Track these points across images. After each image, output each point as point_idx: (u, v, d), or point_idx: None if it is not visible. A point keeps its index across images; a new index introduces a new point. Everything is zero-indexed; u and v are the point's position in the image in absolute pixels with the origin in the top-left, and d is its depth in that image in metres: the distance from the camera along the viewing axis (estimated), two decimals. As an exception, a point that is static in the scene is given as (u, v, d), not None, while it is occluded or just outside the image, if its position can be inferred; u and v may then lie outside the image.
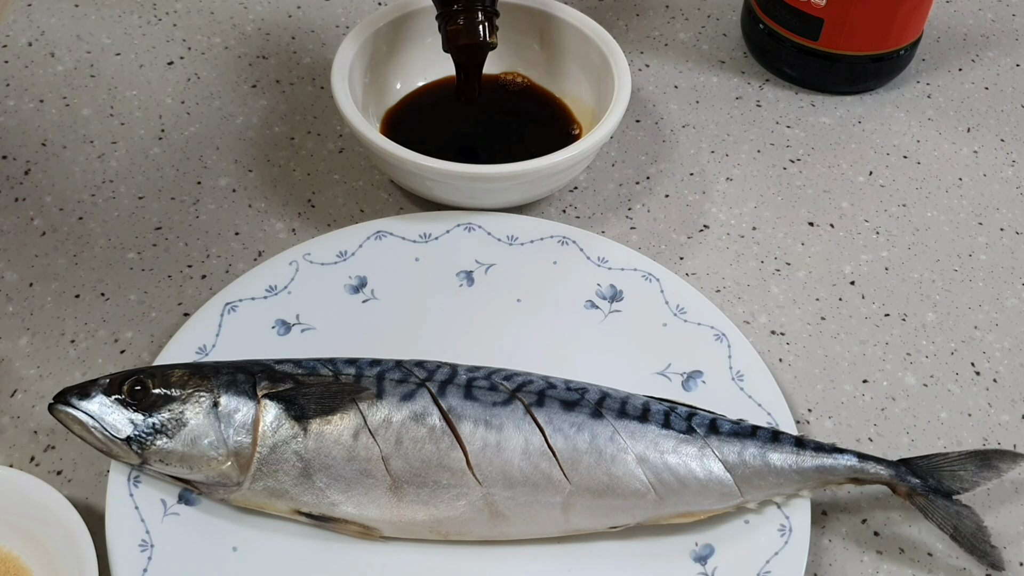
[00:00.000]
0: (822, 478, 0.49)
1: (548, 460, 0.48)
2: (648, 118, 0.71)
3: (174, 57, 0.74)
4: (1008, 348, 0.60)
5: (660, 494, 0.48)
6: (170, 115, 0.70)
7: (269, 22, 0.77)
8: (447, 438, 0.48)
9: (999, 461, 0.50)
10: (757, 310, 0.61)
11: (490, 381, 0.50)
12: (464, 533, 0.49)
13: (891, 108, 0.73)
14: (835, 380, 0.58)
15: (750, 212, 0.66)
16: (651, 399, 0.51)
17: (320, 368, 0.50)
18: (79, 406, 0.48)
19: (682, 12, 0.80)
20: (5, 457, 0.53)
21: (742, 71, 0.75)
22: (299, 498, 0.48)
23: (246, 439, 0.48)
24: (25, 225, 0.63)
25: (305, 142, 0.69)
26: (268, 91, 0.72)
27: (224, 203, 0.65)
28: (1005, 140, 0.71)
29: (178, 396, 0.49)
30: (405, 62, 0.68)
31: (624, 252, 0.60)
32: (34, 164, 0.66)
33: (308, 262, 0.58)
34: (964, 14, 0.81)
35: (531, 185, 0.60)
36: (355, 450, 0.48)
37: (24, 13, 0.76)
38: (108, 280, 0.60)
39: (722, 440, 0.49)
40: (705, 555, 0.49)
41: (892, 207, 0.67)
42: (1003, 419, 0.57)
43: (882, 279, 0.63)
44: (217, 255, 0.62)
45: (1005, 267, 0.64)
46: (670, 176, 0.68)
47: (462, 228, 0.61)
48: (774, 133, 0.71)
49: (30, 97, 0.70)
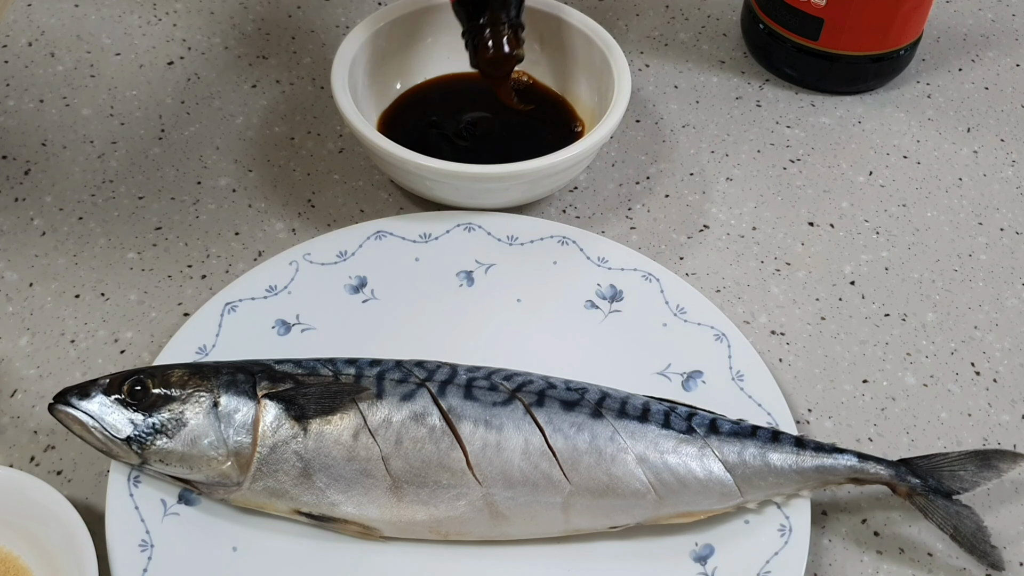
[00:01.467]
0: (822, 478, 0.49)
1: (548, 460, 0.48)
2: (648, 118, 0.71)
3: (174, 57, 0.74)
4: (1008, 348, 0.60)
5: (660, 494, 0.48)
6: (170, 115, 0.70)
7: (269, 22, 0.77)
8: (447, 438, 0.48)
9: (999, 461, 0.50)
10: (757, 310, 0.61)
11: (490, 381, 0.50)
12: (464, 533, 0.49)
13: (891, 108, 0.73)
14: (835, 380, 0.58)
15: (750, 212, 0.66)
16: (651, 399, 0.51)
17: (320, 368, 0.50)
18: (79, 406, 0.48)
19: (682, 12, 0.80)
20: (5, 457, 0.53)
21: (742, 71, 0.75)
22: (299, 498, 0.48)
23: (246, 439, 0.48)
24: (25, 225, 0.63)
25: (305, 142, 0.69)
26: (268, 91, 0.72)
27: (224, 203, 0.65)
28: (1005, 140, 0.71)
29: (178, 396, 0.49)
30: (405, 62, 0.68)
31: (624, 252, 0.60)
32: (34, 164, 0.66)
33: (308, 262, 0.58)
34: (964, 14, 0.81)
35: (531, 185, 0.60)
36: (355, 450, 0.48)
37: (24, 13, 0.76)
38: (108, 280, 0.60)
39: (722, 440, 0.49)
40: (705, 555, 0.49)
41: (892, 207, 0.67)
42: (1003, 419, 0.57)
43: (882, 279, 0.63)
44: (217, 255, 0.62)
45: (1005, 267, 0.64)
46: (670, 176, 0.68)
47: (462, 228, 0.61)
48: (774, 133, 0.71)
49: (30, 97, 0.70)
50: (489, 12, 0.60)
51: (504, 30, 0.60)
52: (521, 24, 0.61)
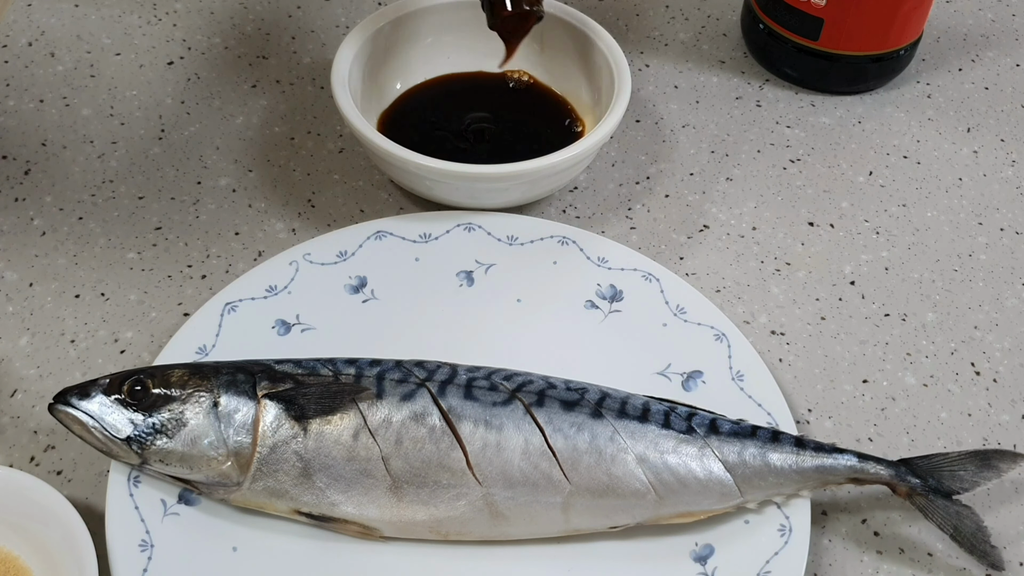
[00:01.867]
0: (822, 478, 0.49)
1: (548, 460, 0.48)
2: (648, 118, 0.71)
3: (174, 57, 0.74)
4: (1008, 348, 0.60)
5: (660, 494, 0.48)
6: (170, 115, 0.70)
7: (269, 22, 0.77)
8: (447, 438, 0.48)
9: (999, 461, 0.50)
10: (757, 310, 0.61)
11: (490, 381, 0.50)
12: (464, 533, 0.49)
13: (891, 108, 0.73)
14: (835, 380, 0.58)
15: (750, 212, 0.66)
16: (651, 399, 0.51)
17: (320, 368, 0.50)
18: (79, 406, 0.48)
19: (682, 12, 0.80)
20: (5, 457, 0.53)
21: (742, 71, 0.75)
22: (299, 498, 0.48)
23: (246, 439, 0.48)
24: (25, 225, 0.63)
25: (305, 142, 0.69)
26: (268, 91, 0.72)
27: (224, 203, 0.65)
28: (1005, 140, 0.71)
29: (178, 396, 0.49)
30: (405, 62, 0.68)
31: (624, 252, 0.60)
32: (34, 164, 0.66)
33: (308, 262, 0.58)
34: (964, 14, 0.81)
35: (531, 185, 0.60)
36: (355, 450, 0.48)
37: (24, 13, 0.76)
38: (108, 280, 0.60)
39: (722, 440, 0.49)
40: (705, 555, 0.49)
41: (892, 207, 0.67)
42: (1003, 419, 0.56)
43: (882, 279, 0.63)
44: (217, 255, 0.62)
45: (1005, 267, 0.64)
46: (670, 176, 0.68)
47: (462, 228, 0.61)
48: (774, 133, 0.71)
49: (30, 97, 0.70)
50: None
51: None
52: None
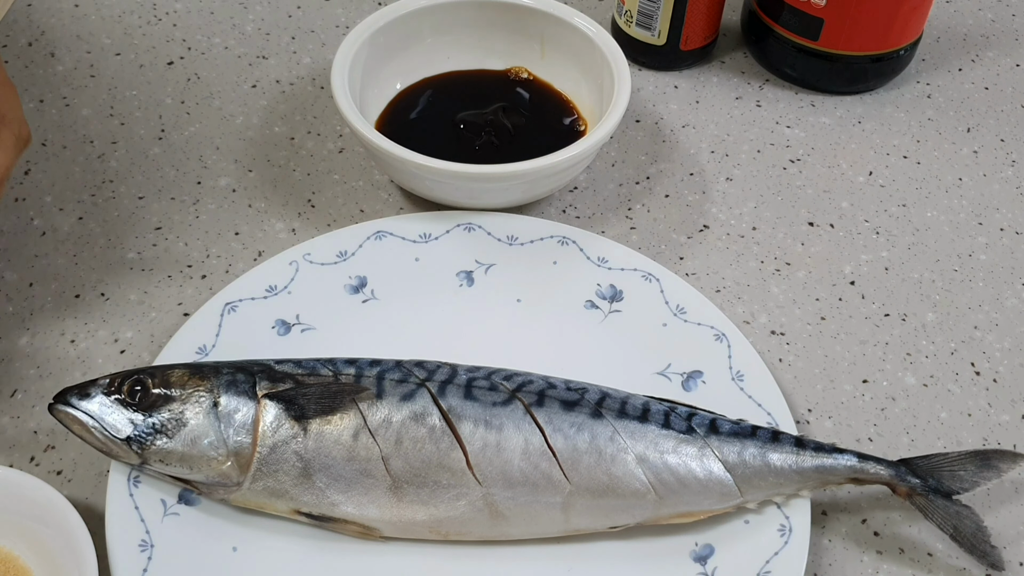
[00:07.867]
0: (822, 478, 0.49)
1: (548, 460, 0.48)
2: (648, 118, 0.71)
3: (174, 57, 0.74)
4: (1008, 348, 0.60)
5: (660, 494, 0.48)
6: (170, 115, 0.70)
7: (269, 22, 0.77)
8: (447, 438, 0.48)
9: (999, 461, 0.50)
10: (757, 310, 0.61)
11: (490, 381, 0.50)
12: (464, 533, 0.49)
13: (891, 108, 0.73)
14: (835, 380, 0.58)
15: (750, 212, 0.66)
16: (651, 399, 0.51)
17: (320, 368, 0.50)
18: (79, 406, 0.48)
19: (682, 12, 0.79)
20: (5, 457, 0.53)
21: (742, 71, 0.75)
22: (299, 498, 0.48)
23: (246, 439, 0.48)
24: (25, 225, 0.63)
25: (305, 142, 0.69)
26: (268, 91, 0.72)
27: (224, 203, 0.65)
28: (1005, 140, 0.71)
29: (178, 396, 0.49)
30: (405, 62, 0.68)
31: (624, 252, 0.60)
32: (34, 164, 0.66)
33: (308, 262, 0.58)
34: (964, 14, 0.81)
35: (531, 185, 0.60)
36: (355, 450, 0.48)
37: (24, 13, 0.76)
38: (108, 280, 0.60)
39: (722, 440, 0.49)
40: (705, 555, 0.49)
41: (892, 207, 0.67)
42: (1003, 419, 0.57)
43: (882, 279, 0.63)
44: (217, 255, 0.62)
45: (1005, 267, 0.64)
46: (670, 176, 0.68)
47: (462, 228, 0.61)
48: (774, 133, 0.71)
49: (30, 97, 0.70)
50: None
51: None
52: None
